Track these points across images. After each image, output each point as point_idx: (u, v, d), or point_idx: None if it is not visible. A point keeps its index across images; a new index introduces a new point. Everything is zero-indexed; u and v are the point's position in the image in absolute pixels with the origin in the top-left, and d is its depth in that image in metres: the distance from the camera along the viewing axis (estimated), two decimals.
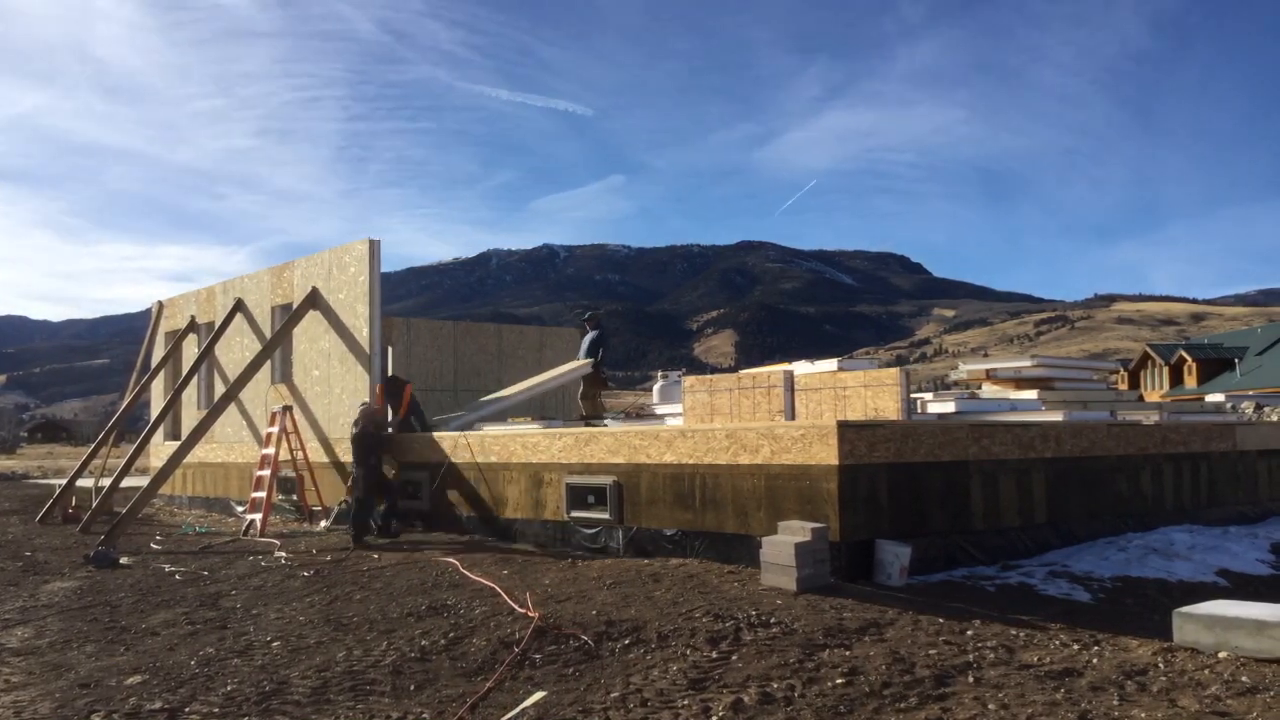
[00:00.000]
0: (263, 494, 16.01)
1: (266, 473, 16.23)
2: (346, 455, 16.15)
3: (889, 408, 11.36)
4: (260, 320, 19.82)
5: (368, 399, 15.79)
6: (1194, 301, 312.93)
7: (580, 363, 17.53)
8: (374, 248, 16.69)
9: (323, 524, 16.14)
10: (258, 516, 15.74)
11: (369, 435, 14.45)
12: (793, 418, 12.15)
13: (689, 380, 13.88)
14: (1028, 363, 14.52)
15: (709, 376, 14.39)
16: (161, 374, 22.98)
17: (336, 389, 17.29)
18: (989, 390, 14.77)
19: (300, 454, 17.13)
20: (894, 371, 11.73)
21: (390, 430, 15.79)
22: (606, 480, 11.82)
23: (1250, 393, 35.39)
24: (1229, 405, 17.65)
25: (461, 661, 6.94)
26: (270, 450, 16.63)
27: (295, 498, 17.34)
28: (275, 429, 16.88)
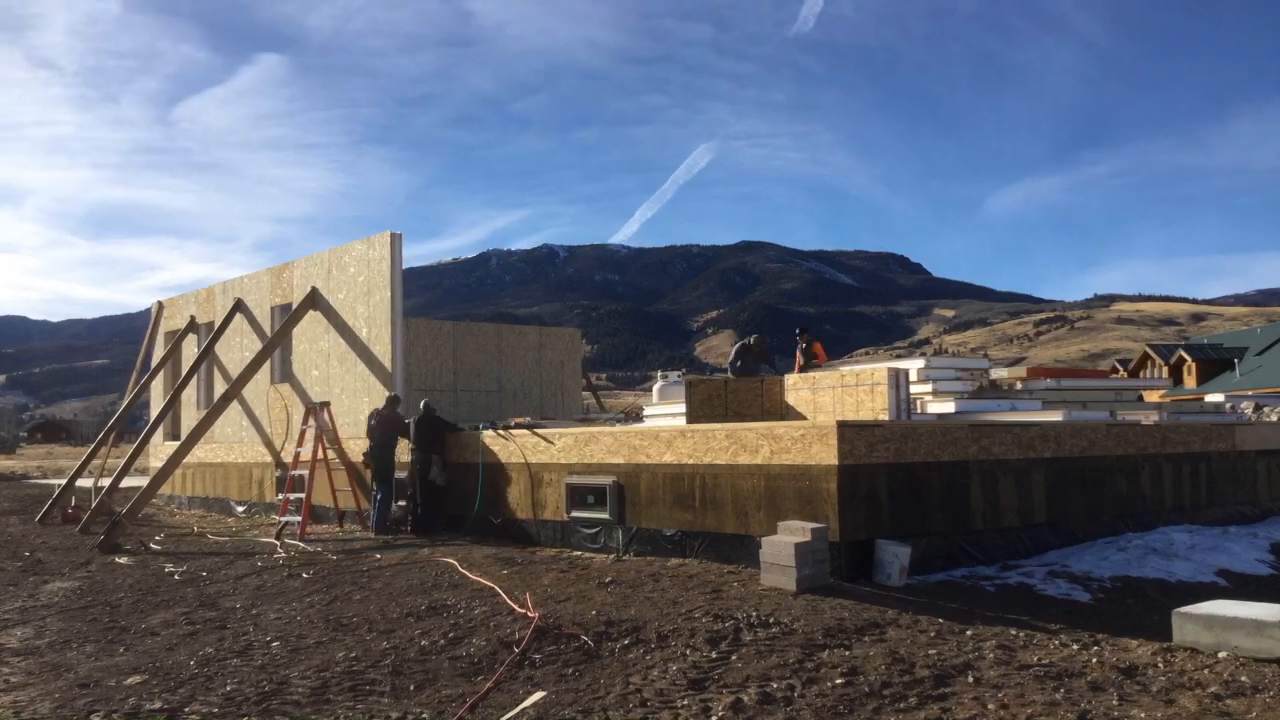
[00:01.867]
0: (302, 495, 15.31)
1: (305, 473, 15.53)
2: (351, 455, 16.17)
3: (882, 407, 11.37)
4: (260, 320, 19.83)
5: (367, 398, 15.70)
6: (1194, 301, 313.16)
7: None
8: (396, 241, 16.28)
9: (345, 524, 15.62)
10: (296, 518, 15.09)
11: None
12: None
13: (689, 379, 13.90)
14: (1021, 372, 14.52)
15: (710, 376, 14.38)
16: (161, 374, 23.00)
17: (336, 389, 17.28)
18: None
19: (337, 450, 16.23)
20: (882, 370, 11.71)
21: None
22: (606, 480, 11.82)
23: (1250, 393, 35.46)
24: (1228, 405, 17.67)
25: (461, 662, 6.94)
26: (307, 448, 15.86)
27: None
28: (311, 426, 15.98)
